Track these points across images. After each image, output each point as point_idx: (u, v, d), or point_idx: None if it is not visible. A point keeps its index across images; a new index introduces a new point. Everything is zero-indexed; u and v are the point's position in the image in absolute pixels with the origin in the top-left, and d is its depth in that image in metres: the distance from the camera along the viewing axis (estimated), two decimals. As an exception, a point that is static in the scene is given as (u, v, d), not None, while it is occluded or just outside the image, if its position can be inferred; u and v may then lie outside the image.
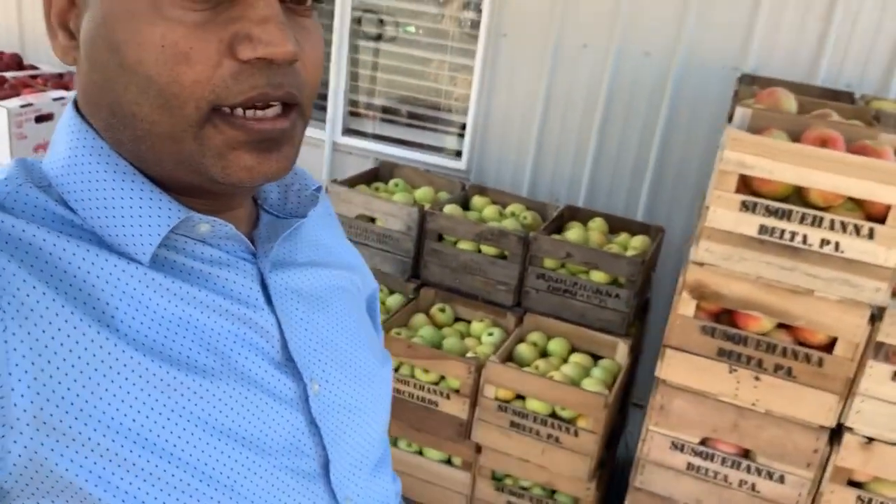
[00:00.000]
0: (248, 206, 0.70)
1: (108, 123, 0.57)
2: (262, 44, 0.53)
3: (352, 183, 2.53)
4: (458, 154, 3.08)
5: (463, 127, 3.06)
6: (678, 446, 1.56)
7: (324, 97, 3.18)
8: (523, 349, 2.18)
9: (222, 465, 0.58)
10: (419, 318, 2.33)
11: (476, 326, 2.31)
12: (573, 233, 2.33)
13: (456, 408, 2.08)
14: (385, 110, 3.20)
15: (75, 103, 0.62)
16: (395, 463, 2.22)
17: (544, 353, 2.24)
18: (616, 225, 2.50)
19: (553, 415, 2.02)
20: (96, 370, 0.53)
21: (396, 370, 2.14)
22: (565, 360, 2.21)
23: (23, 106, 2.52)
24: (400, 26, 3.08)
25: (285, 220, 0.70)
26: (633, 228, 2.49)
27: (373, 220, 2.42)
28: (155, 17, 0.52)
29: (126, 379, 0.54)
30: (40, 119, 2.69)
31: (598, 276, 2.20)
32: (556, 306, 2.26)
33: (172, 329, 0.58)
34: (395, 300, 2.41)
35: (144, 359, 0.55)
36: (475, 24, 2.92)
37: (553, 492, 2.14)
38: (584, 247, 2.22)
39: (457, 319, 2.39)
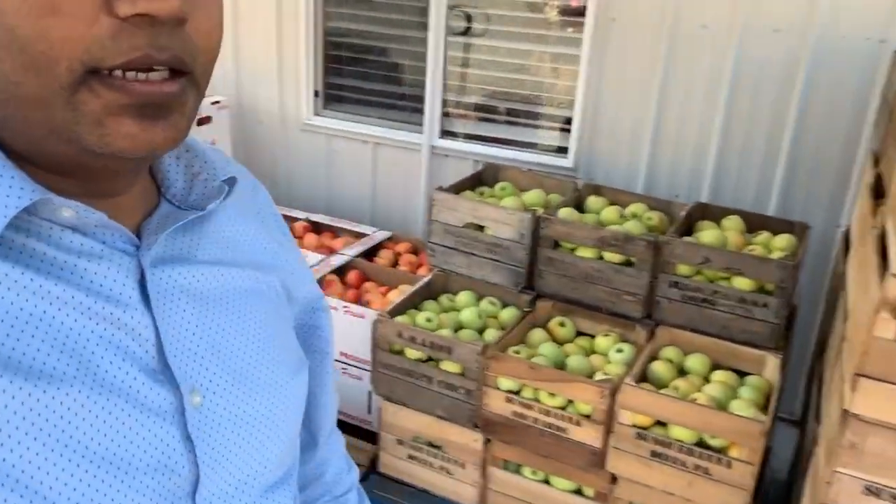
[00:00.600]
0: (143, 192, 0.61)
1: None
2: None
3: (456, 189, 2.36)
4: (563, 150, 2.86)
5: (567, 121, 2.85)
6: (874, 491, 1.32)
7: (419, 99, 3.01)
8: (658, 367, 1.96)
9: (70, 488, 0.50)
10: (537, 333, 2.13)
11: (601, 342, 2.09)
12: (708, 234, 2.08)
13: (588, 435, 1.87)
14: (481, 109, 3.01)
15: None
16: (518, 491, 2.04)
17: (681, 371, 2.01)
18: (753, 223, 2.24)
19: (700, 443, 1.80)
20: None
21: (517, 393, 1.95)
22: (706, 379, 1.97)
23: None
24: (490, 20, 2.88)
25: (184, 212, 0.62)
26: (773, 226, 2.22)
27: (481, 228, 2.23)
28: None
29: None
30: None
31: (741, 283, 1.95)
32: (693, 318, 2.02)
33: (18, 327, 0.49)
34: (508, 314, 2.22)
35: None
36: (578, 12, 2.70)
37: (699, 527, 1.91)
38: (725, 250, 1.98)
39: (578, 334, 2.18)
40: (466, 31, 2.92)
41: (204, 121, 2.84)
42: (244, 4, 3.13)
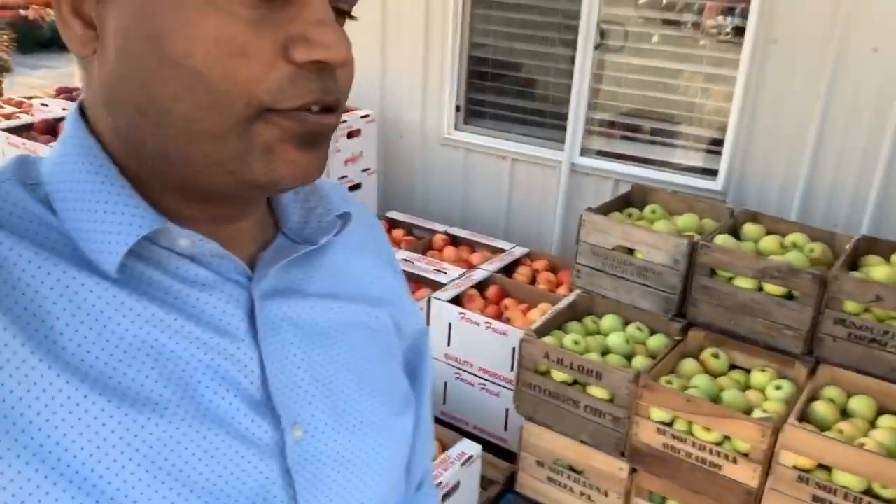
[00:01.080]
0: (260, 223, 0.63)
1: (131, 122, 0.51)
2: (320, 47, 0.49)
3: (604, 210, 2.33)
4: (709, 172, 2.79)
5: (714, 143, 2.77)
6: None
7: (560, 116, 3.01)
8: (820, 408, 1.87)
9: None
10: (688, 364, 2.07)
11: (758, 377, 2.02)
12: (880, 271, 1.98)
13: (744, 474, 1.81)
14: (624, 127, 2.97)
15: (81, 100, 0.57)
16: (662, 526, 1.99)
17: (843, 413, 1.91)
18: (926, 259, 2.11)
19: (869, 492, 1.70)
20: (20, 400, 0.47)
21: (669, 425, 1.91)
22: (873, 424, 1.87)
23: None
24: (637, 37, 2.84)
25: (299, 246, 0.62)
26: (949, 264, 2.08)
27: (632, 251, 2.20)
28: (208, 9, 0.47)
29: (60, 408, 0.48)
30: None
31: (916, 325, 1.84)
32: (860, 358, 1.92)
33: (130, 353, 0.51)
34: (656, 341, 2.17)
35: (83, 385, 0.49)
36: (732, 32, 2.62)
37: (861, 580, 1.81)
38: (900, 289, 1.87)
39: (731, 367, 2.11)
40: (611, 48, 2.89)
41: (354, 133, 2.93)
42: (392, 22, 3.22)
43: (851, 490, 1.70)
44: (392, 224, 3.16)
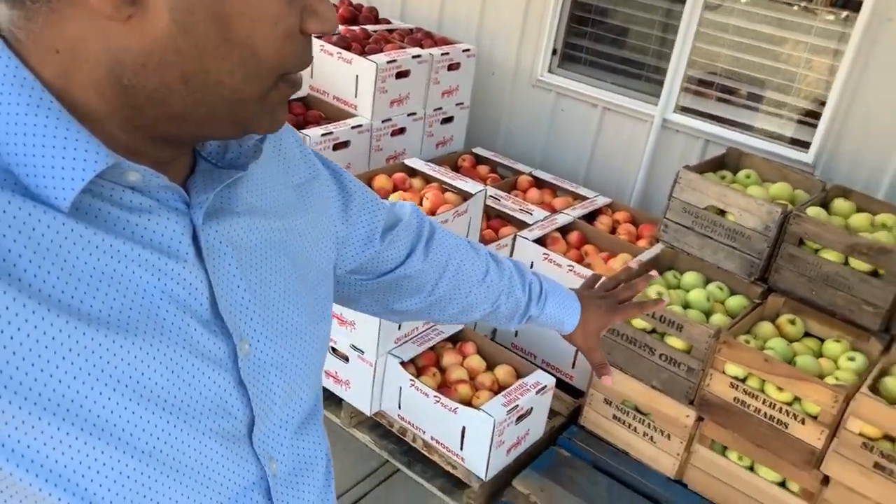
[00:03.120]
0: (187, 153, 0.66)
1: (165, 86, 0.53)
2: (327, 21, 0.56)
3: (699, 170, 2.39)
4: (799, 143, 2.81)
5: (810, 115, 2.78)
6: None
7: (658, 70, 3.03)
8: (891, 383, 1.95)
9: (141, 430, 0.56)
10: (765, 326, 2.16)
11: (831, 347, 2.10)
12: (969, 259, 2.03)
13: (810, 435, 1.92)
14: (719, 88, 2.99)
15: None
16: (719, 471, 2.12)
17: (913, 390, 2.00)
18: None
19: (931, 465, 1.80)
20: None
21: (743, 381, 2.01)
22: (941, 403, 1.95)
23: (388, 62, 2.64)
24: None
25: (224, 171, 0.65)
26: None
27: (723, 213, 2.27)
28: None
29: (28, 336, 0.50)
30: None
31: None
32: (937, 340, 1.99)
33: (93, 285, 0.54)
34: (735, 302, 2.26)
35: (50, 314, 0.51)
36: (846, 5, 2.60)
37: (906, 545, 1.92)
38: None
39: (805, 335, 2.20)
40: (714, 6, 2.88)
41: (454, 66, 2.99)
42: (501, -43, 3.22)
43: (913, 462, 1.80)
44: (478, 160, 3.24)
